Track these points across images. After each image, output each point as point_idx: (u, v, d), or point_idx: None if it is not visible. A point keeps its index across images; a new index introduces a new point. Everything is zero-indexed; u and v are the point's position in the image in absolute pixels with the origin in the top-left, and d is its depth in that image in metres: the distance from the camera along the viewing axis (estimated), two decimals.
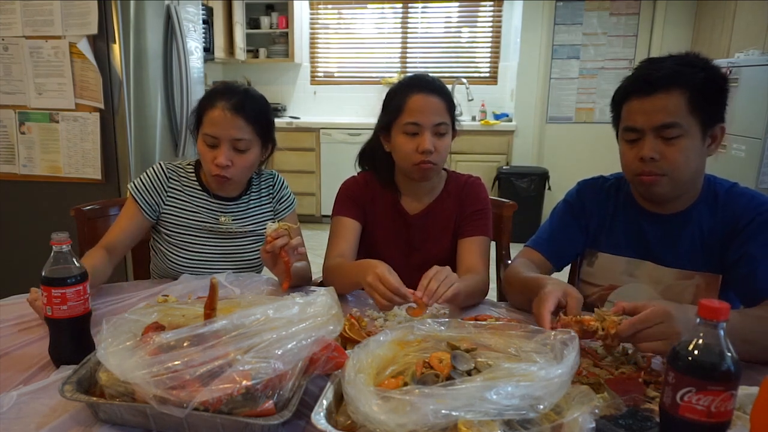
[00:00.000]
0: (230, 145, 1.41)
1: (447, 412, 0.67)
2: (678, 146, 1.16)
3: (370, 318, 1.22)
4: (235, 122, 1.40)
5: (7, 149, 2.61)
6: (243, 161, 1.44)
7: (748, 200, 1.22)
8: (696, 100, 1.14)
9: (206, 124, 1.42)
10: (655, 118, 1.16)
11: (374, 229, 1.56)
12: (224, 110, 1.40)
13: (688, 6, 4.64)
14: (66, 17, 2.41)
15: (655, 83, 1.15)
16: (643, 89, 1.17)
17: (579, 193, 1.42)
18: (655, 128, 1.16)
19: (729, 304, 0.68)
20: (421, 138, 1.40)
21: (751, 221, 1.19)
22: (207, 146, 1.43)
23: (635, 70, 1.24)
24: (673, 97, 1.14)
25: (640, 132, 1.19)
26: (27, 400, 0.88)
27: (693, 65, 1.16)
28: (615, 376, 0.95)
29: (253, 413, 0.76)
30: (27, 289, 1.32)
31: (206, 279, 1.43)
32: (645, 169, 1.19)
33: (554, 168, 4.87)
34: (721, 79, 1.17)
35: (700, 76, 1.14)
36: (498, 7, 5.26)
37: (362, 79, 5.57)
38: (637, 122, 1.18)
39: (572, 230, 1.40)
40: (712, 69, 1.17)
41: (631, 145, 1.22)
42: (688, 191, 1.25)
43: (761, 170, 3.22)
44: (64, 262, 0.95)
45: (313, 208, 5.21)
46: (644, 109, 1.17)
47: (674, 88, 1.14)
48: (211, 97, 1.44)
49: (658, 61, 1.21)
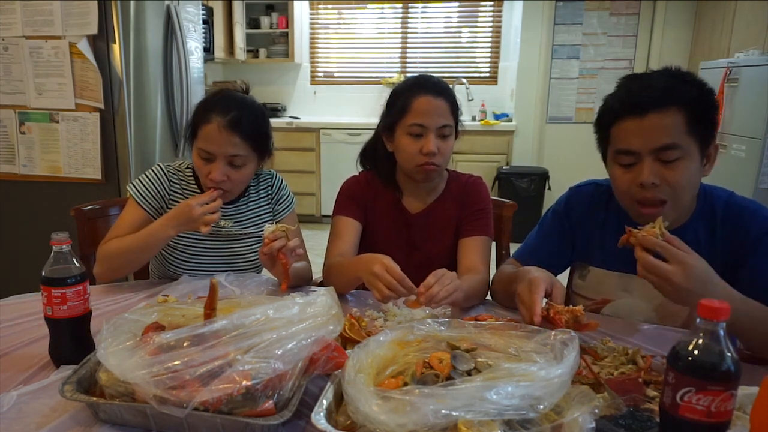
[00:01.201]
0: (226, 161, 1.39)
1: (447, 412, 0.67)
2: (678, 169, 1.08)
3: (370, 318, 1.22)
4: (231, 139, 1.37)
5: (7, 149, 2.61)
6: (239, 176, 1.42)
7: (750, 216, 1.15)
8: (693, 118, 1.07)
9: (201, 139, 1.39)
10: (653, 140, 1.08)
11: (375, 229, 1.56)
12: (220, 127, 1.36)
13: (688, 6, 4.64)
14: (66, 17, 2.41)
15: (650, 102, 1.07)
16: (637, 109, 1.08)
17: (568, 204, 1.36)
18: (653, 150, 1.08)
19: (729, 305, 0.68)
20: (426, 139, 1.40)
21: (757, 241, 1.12)
22: (202, 160, 1.40)
23: (619, 88, 1.15)
24: (670, 115, 1.07)
25: (636, 155, 1.10)
26: (27, 400, 0.88)
27: (684, 81, 1.09)
28: (615, 376, 0.95)
29: (253, 413, 0.76)
30: (27, 289, 1.32)
31: (206, 279, 1.43)
32: (645, 195, 1.11)
33: (554, 168, 4.87)
34: (712, 95, 1.11)
35: (693, 92, 1.08)
36: (498, 7, 5.26)
37: (362, 79, 5.57)
38: (633, 144, 1.10)
39: (558, 243, 1.36)
40: (703, 85, 1.11)
41: (626, 169, 1.13)
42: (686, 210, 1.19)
43: (761, 170, 3.22)
44: (64, 262, 0.95)
45: (313, 208, 5.21)
46: (640, 130, 1.08)
47: (670, 106, 1.07)
48: (206, 111, 1.39)
49: (645, 77, 1.13)
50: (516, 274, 1.20)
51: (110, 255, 1.40)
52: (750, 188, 3.23)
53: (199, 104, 1.45)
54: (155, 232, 1.37)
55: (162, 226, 1.36)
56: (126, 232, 1.43)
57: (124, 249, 1.39)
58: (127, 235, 1.41)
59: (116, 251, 1.40)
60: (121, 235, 1.42)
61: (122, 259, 1.40)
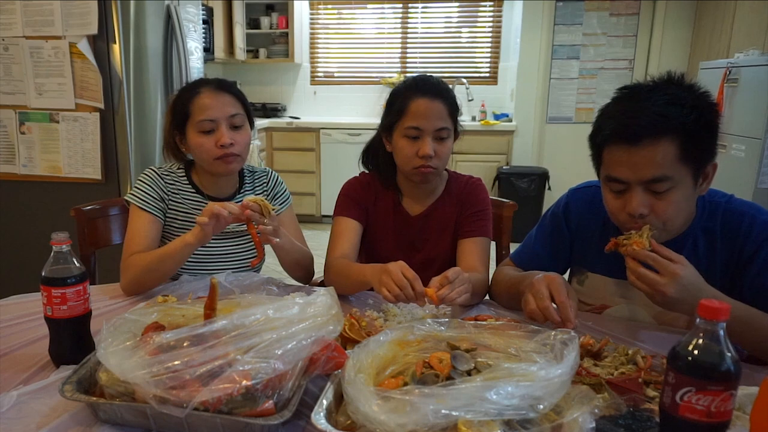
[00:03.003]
0: (227, 124, 1.44)
1: (447, 412, 0.68)
2: (668, 199, 1.06)
3: (370, 318, 1.22)
4: (227, 99, 1.45)
5: (7, 149, 2.61)
6: (242, 137, 1.46)
7: (750, 222, 1.12)
8: (687, 147, 1.02)
9: (197, 112, 1.43)
10: (642, 173, 1.04)
11: (375, 230, 1.56)
12: (211, 91, 1.44)
13: (688, 6, 4.64)
14: (66, 17, 2.41)
15: (641, 132, 1.02)
16: (627, 139, 1.04)
17: (566, 207, 1.34)
18: (642, 182, 1.05)
19: (728, 305, 0.68)
20: (422, 142, 1.39)
21: (758, 249, 1.11)
22: (203, 133, 1.43)
23: (614, 104, 1.11)
24: (662, 147, 1.02)
25: (625, 183, 1.08)
26: (27, 400, 0.88)
27: (682, 104, 1.02)
28: (615, 376, 0.95)
29: (253, 413, 0.76)
30: (27, 289, 1.32)
31: (206, 279, 1.43)
32: (634, 225, 1.08)
33: (554, 168, 4.87)
34: (713, 112, 1.05)
35: (690, 117, 1.02)
36: (498, 7, 5.26)
37: (362, 79, 5.57)
38: (622, 174, 1.07)
39: (556, 246, 1.35)
40: (703, 102, 1.05)
41: (617, 195, 1.11)
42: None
43: (761, 170, 3.21)
44: (64, 262, 0.95)
45: (313, 208, 5.21)
46: (630, 161, 1.05)
47: (663, 136, 1.02)
48: (191, 89, 1.46)
49: (642, 98, 1.06)
50: (522, 277, 1.20)
51: (135, 271, 1.35)
52: (750, 188, 3.23)
53: (176, 95, 1.51)
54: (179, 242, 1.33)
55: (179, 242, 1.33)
56: (143, 241, 1.42)
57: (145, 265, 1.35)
58: (144, 244, 1.41)
59: (140, 267, 1.35)
60: (139, 247, 1.40)
61: (146, 274, 1.36)
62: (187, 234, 1.32)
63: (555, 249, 1.36)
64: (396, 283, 1.13)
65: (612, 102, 1.12)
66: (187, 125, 1.45)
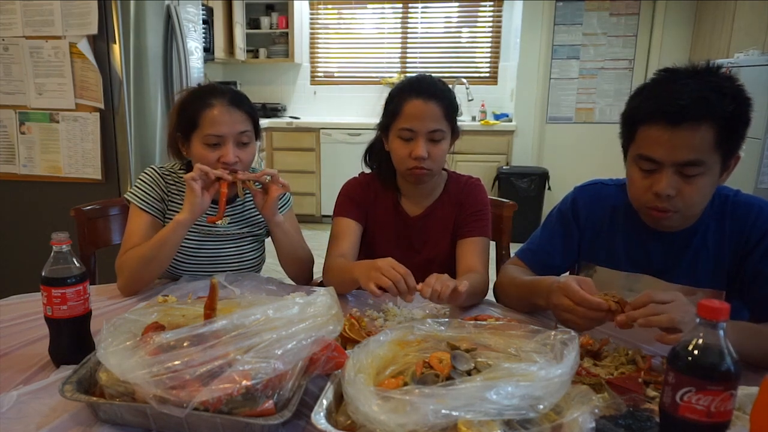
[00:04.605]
0: (235, 141, 1.41)
1: (447, 412, 0.67)
2: (697, 184, 1.07)
3: (370, 318, 1.22)
4: (238, 116, 1.41)
5: (7, 149, 2.61)
6: (247, 155, 1.44)
7: (757, 212, 1.15)
8: (722, 135, 1.04)
9: (206, 125, 1.39)
10: (679, 154, 1.05)
11: (375, 231, 1.56)
12: (224, 106, 1.39)
13: (688, 6, 4.64)
14: (66, 17, 2.41)
15: (683, 113, 1.02)
16: (669, 118, 1.04)
17: (574, 203, 1.35)
18: (676, 163, 1.06)
19: (728, 305, 0.68)
20: (415, 144, 1.39)
21: (762, 237, 1.13)
22: (209, 147, 1.40)
23: (653, 84, 1.10)
24: (701, 131, 1.03)
25: (658, 164, 1.08)
26: (27, 400, 0.88)
27: (723, 92, 1.03)
28: (615, 376, 0.95)
29: (253, 413, 0.76)
30: (27, 289, 1.32)
31: (206, 279, 1.43)
32: (658, 205, 1.10)
33: (554, 168, 4.87)
34: (749, 106, 1.07)
35: (730, 108, 1.03)
36: (498, 7, 5.26)
37: (362, 79, 5.57)
38: (657, 154, 1.07)
39: (563, 242, 1.35)
40: (741, 96, 1.06)
41: (645, 174, 1.11)
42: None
43: (761, 170, 3.21)
44: (64, 262, 0.95)
45: (313, 208, 5.21)
46: (668, 141, 1.05)
47: (704, 121, 1.02)
48: (202, 98, 1.41)
49: (681, 77, 1.06)
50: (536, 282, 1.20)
51: (131, 265, 1.36)
52: (750, 188, 3.23)
53: (186, 99, 1.45)
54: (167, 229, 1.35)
55: (171, 223, 1.35)
56: (140, 241, 1.40)
57: (141, 256, 1.35)
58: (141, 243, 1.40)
59: (136, 259, 1.35)
60: (136, 245, 1.40)
61: (144, 266, 1.36)
62: (177, 214, 1.33)
63: (564, 245, 1.36)
64: (388, 278, 1.14)
65: (651, 83, 1.11)
66: (194, 135, 1.42)
